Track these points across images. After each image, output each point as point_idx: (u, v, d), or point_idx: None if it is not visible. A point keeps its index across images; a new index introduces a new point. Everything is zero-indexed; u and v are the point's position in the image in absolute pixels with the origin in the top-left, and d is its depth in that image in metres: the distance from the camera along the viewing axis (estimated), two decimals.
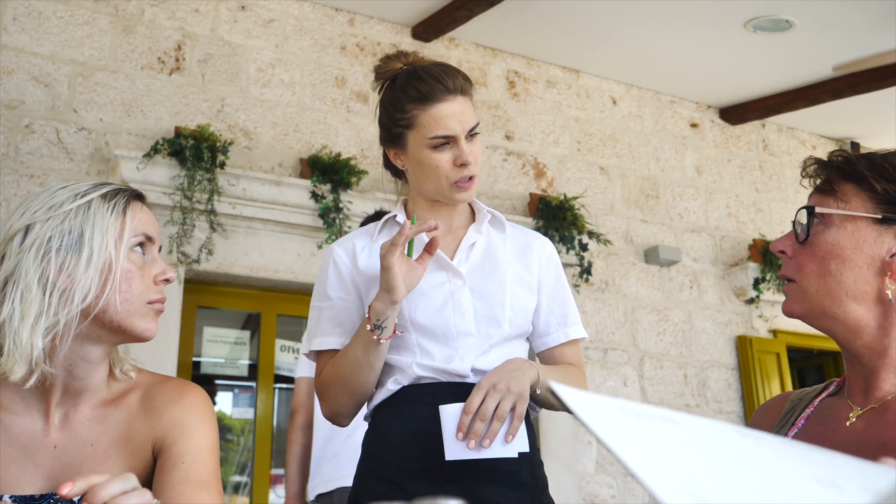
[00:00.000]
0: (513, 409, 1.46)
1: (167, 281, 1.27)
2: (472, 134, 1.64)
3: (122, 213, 1.23)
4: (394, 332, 1.56)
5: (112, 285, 1.19)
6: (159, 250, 1.30)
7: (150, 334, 1.24)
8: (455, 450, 1.44)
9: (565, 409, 1.61)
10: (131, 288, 1.21)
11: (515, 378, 1.48)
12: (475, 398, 1.45)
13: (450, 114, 1.61)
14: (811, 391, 1.26)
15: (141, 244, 1.25)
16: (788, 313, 1.19)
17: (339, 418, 1.68)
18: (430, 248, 1.54)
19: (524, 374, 1.50)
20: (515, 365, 1.52)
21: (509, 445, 1.46)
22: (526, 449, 1.49)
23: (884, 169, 1.14)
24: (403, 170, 1.72)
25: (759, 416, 1.30)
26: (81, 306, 1.17)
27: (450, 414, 1.46)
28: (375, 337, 1.53)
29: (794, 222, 1.19)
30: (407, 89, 1.64)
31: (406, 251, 1.53)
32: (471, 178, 1.64)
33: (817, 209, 1.16)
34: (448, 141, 1.61)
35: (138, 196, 1.29)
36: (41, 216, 1.20)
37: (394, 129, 1.67)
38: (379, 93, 1.74)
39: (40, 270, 1.17)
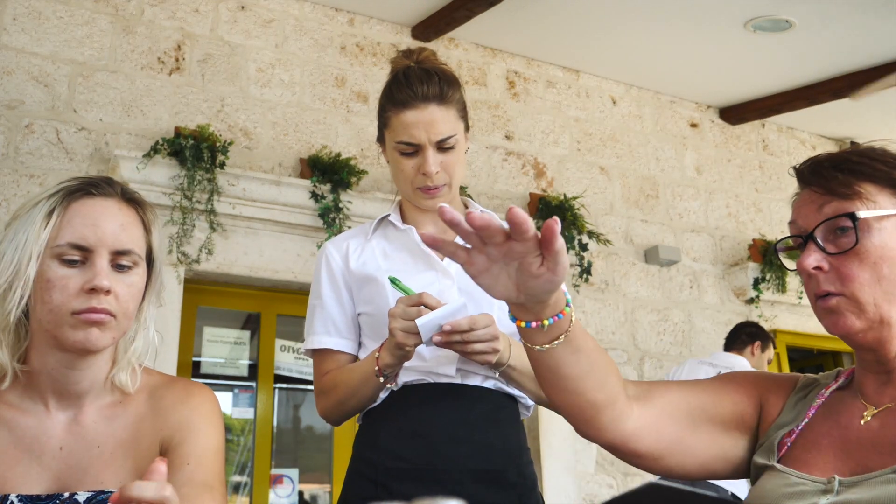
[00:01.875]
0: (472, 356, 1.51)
1: (95, 290, 1.15)
2: (441, 146, 1.63)
3: (47, 218, 1.18)
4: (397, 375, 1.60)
5: (35, 294, 1.16)
6: (120, 255, 1.20)
7: (82, 346, 1.16)
8: (426, 328, 1.47)
9: (520, 387, 1.62)
10: (52, 298, 1.15)
11: (505, 352, 1.53)
12: (480, 319, 1.48)
13: (415, 122, 1.61)
14: (822, 379, 1.22)
15: (75, 250, 1.17)
16: (845, 330, 1.10)
17: (330, 422, 1.72)
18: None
19: (505, 353, 1.55)
20: (509, 341, 1.56)
21: (448, 368, 1.57)
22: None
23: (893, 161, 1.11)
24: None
25: (770, 380, 1.26)
26: (11, 315, 1.16)
27: (459, 310, 1.49)
28: (384, 382, 1.57)
29: (812, 238, 1.12)
30: (388, 92, 1.67)
31: (401, 290, 1.55)
32: (437, 187, 1.64)
33: (861, 214, 1.09)
34: (415, 149, 1.63)
35: (85, 193, 1.21)
36: (14, 217, 1.21)
37: (379, 126, 1.72)
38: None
39: None
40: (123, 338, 1.24)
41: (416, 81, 1.63)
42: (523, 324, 1.06)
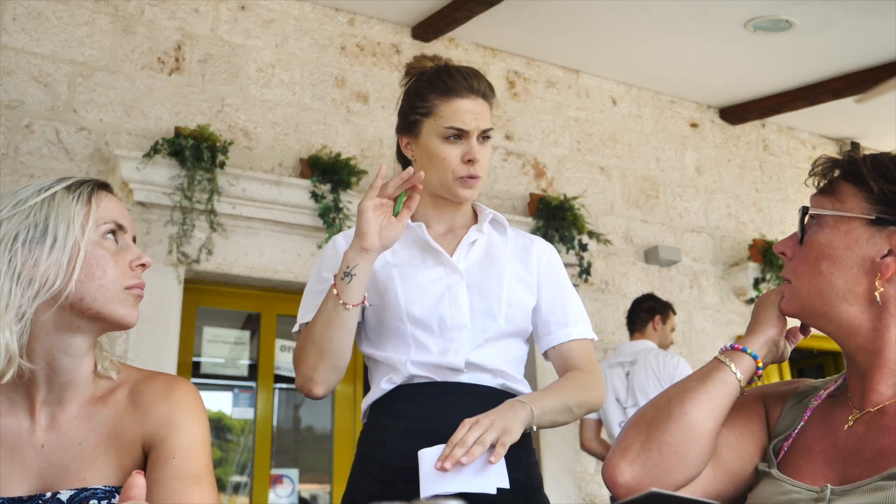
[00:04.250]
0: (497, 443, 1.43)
1: (143, 266, 1.25)
2: (484, 136, 1.68)
3: (88, 202, 1.23)
4: (362, 302, 1.56)
5: (84, 271, 1.19)
6: (134, 241, 1.29)
7: (129, 320, 1.23)
8: (431, 485, 1.39)
9: (557, 424, 1.59)
10: (106, 274, 1.20)
11: (502, 415, 1.46)
12: (459, 432, 1.43)
13: (468, 109, 1.66)
14: (820, 384, 1.24)
15: (112, 232, 1.24)
16: (784, 312, 1.19)
17: (311, 384, 1.61)
18: (408, 203, 1.57)
19: (515, 413, 1.48)
20: (507, 406, 1.50)
21: (488, 479, 1.41)
22: (506, 485, 1.43)
23: (886, 169, 1.12)
24: (412, 160, 1.75)
25: (770, 394, 1.27)
26: (49, 294, 1.17)
27: (428, 455, 1.42)
28: (340, 294, 1.52)
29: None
30: (434, 81, 1.70)
31: (393, 209, 1.55)
32: (475, 176, 1.66)
33: (811, 210, 1.15)
34: (460, 136, 1.65)
35: (103, 186, 1.28)
36: (6, 214, 1.20)
37: (411, 117, 1.72)
38: (405, 86, 1.79)
39: (8, 265, 1.17)
40: None
41: (469, 76, 1.70)
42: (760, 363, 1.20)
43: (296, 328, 1.71)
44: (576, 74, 5.25)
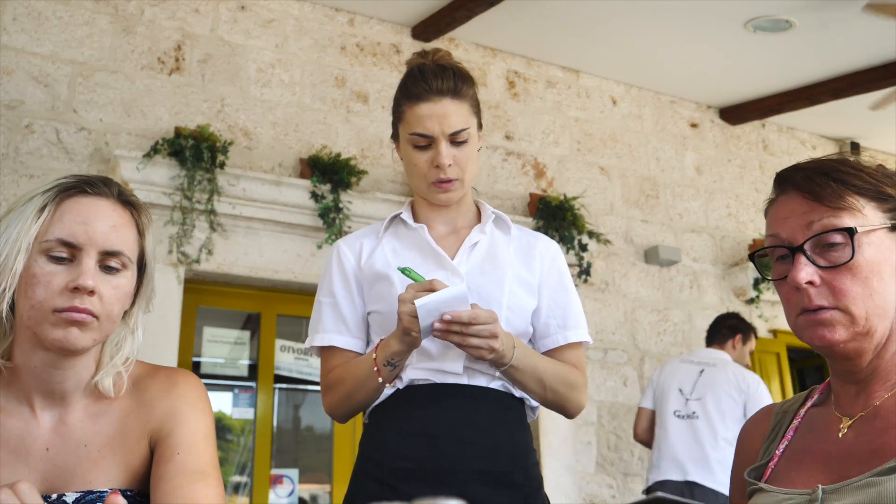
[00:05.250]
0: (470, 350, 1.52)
1: (78, 289, 1.13)
2: (457, 138, 1.64)
3: (38, 213, 1.16)
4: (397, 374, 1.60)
5: (20, 288, 1.14)
6: (114, 254, 1.18)
7: (60, 345, 1.14)
8: (426, 310, 1.45)
9: (523, 387, 1.59)
10: (35, 294, 1.13)
11: (507, 350, 1.53)
12: (482, 314, 1.48)
13: (429, 114, 1.63)
14: (794, 402, 1.24)
15: (62, 248, 1.15)
16: (832, 342, 1.09)
17: (336, 418, 1.72)
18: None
19: (508, 353, 1.54)
20: (513, 342, 1.57)
21: (455, 365, 1.56)
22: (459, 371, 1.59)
23: (885, 176, 1.11)
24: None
25: (749, 430, 1.27)
26: None
27: (458, 298, 1.47)
28: (382, 377, 1.57)
29: (802, 250, 1.09)
30: (404, 85, 1.69)
31: (410, 276, 1.54)
32: (450, 180, 1.65)
33: (859, 228, 1.08)
34: (428, 141, 1.64)
35: (80, 191, 1.20)
36: (8, 211, 1.19)
37: (393, 121, 1.73)
38: None
39: None
40: (108, 342, 1.22)
41: (430, 76, 1.65)
42: None
43: (313, 345, 1.71)
44: (576, 74, 5.25)
